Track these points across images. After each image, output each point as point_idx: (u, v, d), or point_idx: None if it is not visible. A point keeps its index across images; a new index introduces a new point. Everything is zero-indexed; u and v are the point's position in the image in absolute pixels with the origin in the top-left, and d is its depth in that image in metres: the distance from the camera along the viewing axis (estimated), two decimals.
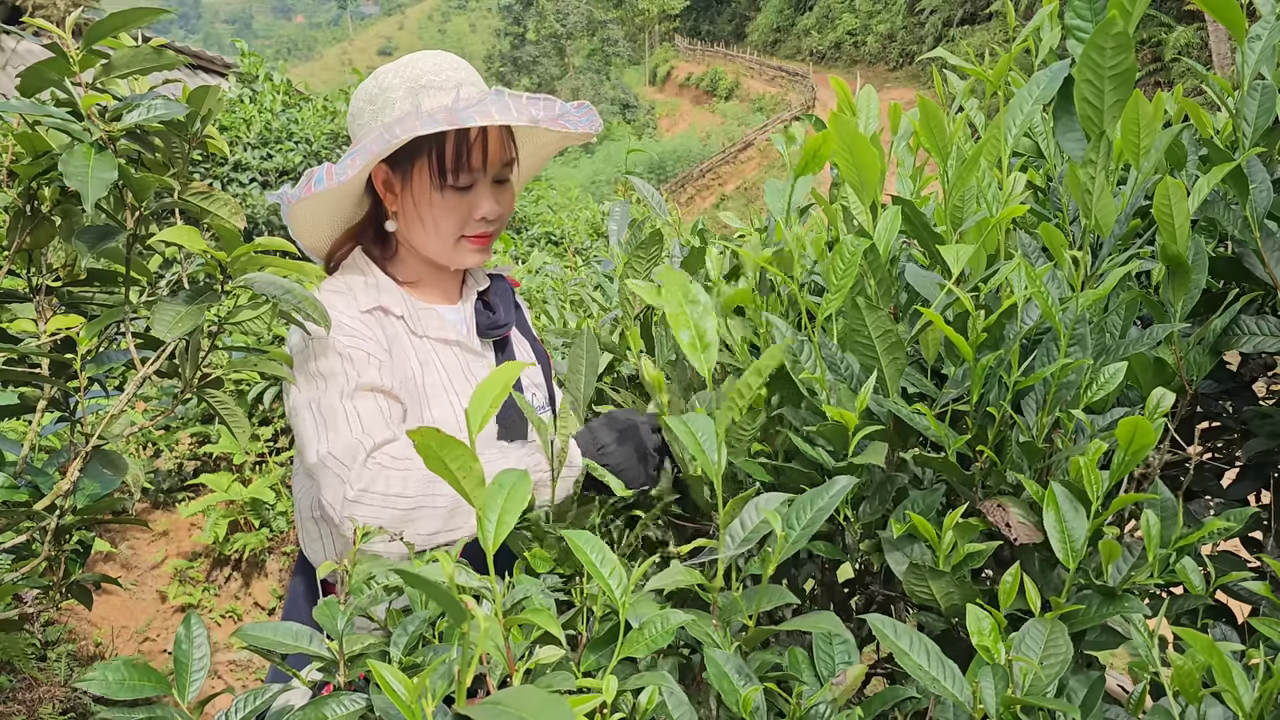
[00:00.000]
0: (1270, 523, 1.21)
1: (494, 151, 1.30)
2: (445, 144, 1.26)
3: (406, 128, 1.18)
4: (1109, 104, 0.95)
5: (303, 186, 1.25)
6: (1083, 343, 1.01)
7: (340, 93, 7.77)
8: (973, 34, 30.45)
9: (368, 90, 1.31)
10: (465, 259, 1.34)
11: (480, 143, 1.27)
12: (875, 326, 1.03)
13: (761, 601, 0.87)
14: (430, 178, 1.27)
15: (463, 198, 1.29)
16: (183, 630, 0.81)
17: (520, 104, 1.23)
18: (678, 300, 0.86)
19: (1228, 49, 16.00)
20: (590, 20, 49.90)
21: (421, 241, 1.33)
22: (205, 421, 4.28)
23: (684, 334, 0.85)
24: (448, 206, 1.29)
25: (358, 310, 1.27)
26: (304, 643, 0.79)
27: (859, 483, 1.05)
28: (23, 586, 1.22)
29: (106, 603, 3.69)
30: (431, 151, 1.26)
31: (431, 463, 0.61)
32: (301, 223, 1.34)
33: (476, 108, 1.19)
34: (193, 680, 0.78)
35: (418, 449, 0.60)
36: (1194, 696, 0.79)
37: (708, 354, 0.85)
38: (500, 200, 1.33)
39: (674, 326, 0.86)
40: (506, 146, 1.32)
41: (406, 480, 1.10)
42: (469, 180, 1.29)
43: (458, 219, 1.30)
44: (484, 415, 0.62)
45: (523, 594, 0.81)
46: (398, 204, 1.33)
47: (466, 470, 0.61)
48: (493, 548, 0.64)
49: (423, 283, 1.40)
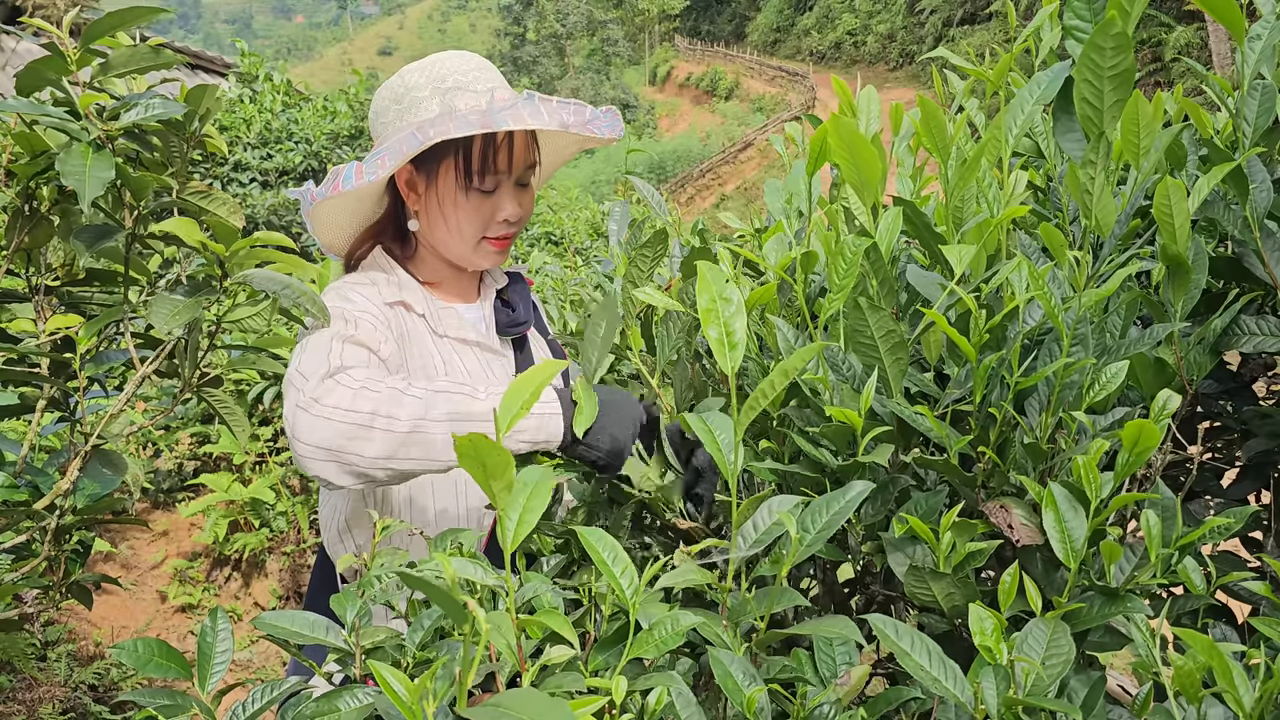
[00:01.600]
0: (1270, 523, 1.21)
1: (519, 154, 1.30)
2: (473, 146, 1.26)
3: (440, 129, 1.17)
4: (1109, 104, 0.95)
5: (329, 184, 1.25)
6: (1084, 343, 1.01)
7: (340, 93, 7.76)
8: (973, 34, 30.46)
9: (393, 89, 1.31)
10: (484, 260, 1.35)
11: (507, 146, 1.28)
12: (878, 327, 1.03)
13: (773, 603, 0.87)
14: (456, 179, 1.28)
15: (486, 200, 1.30)
16: (209, 623, 0.83)
17: (551, 108, 1.23)
18: (711, 296, 0.86)
19: (1228, 49, 16.01)
20: (590, 20, 49.92)
21: (443, 242, 1.33)
22: (205, 421, 4.27)
23: (713, 331, 0.85)
24: (472, 208, 1.29)
25: (381, 301, 1.27)
26: (320, 633, 0.79)
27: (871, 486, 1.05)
28: (23, 586, 1.22)
29: (106, 603, 3.69)
30: (459, 153, 1.26)
31: (467, 463, 0.60)
32: (323, 221, 1.34)
33: (509, 110, 1.20)
34: (214, 671, 0.80)
35: (456, 448, 0.59)
36: (1194, 697, 0.79)
37: (734, 353, 0.85)
38: (522, 203, 1.33)
39: (704, 323, 0.85)
40: (530, 150, 1.33)
41: (358, 397, 1.04)
42: (494, 183, 1.29)
43: (481, 220, 1.31)
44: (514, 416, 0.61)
45: (533, 592, 0.81)
46: (420, 204, 1.33)
47: (499, 474, 0.60)
48: (511, 547, 0.64)
49: (443, 283, 1.40)
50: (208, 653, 0.80)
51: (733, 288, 0.87)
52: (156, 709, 0.74)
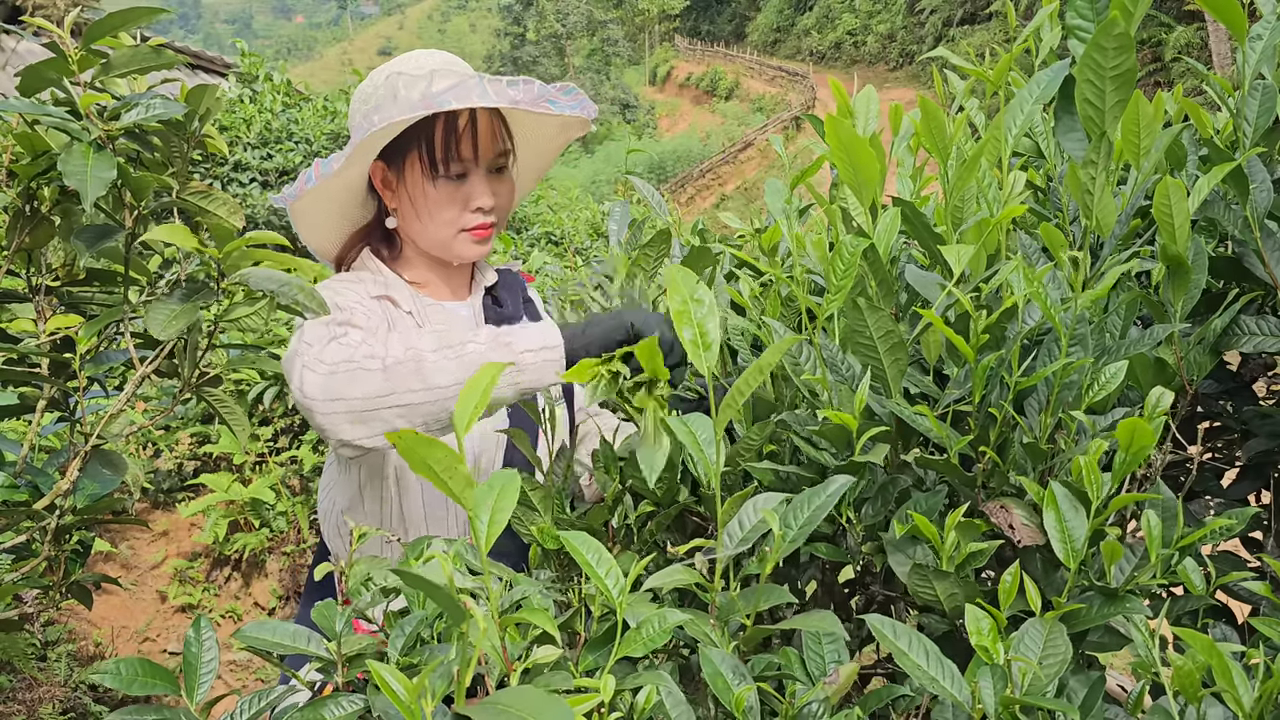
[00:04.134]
0: (1270, 523, 1.21)
1: (485, 141, 1.30)
2: (434, 135, 1.27)
3: (384, 115, 1.19)
4: (1110, 104, 0.95)
5: (297, 186, 1.27)
6: (1083, 343, 1.01)
7: (340, 93, 7.77)
8: (973, 34, 30.44)
9: (362, 91, 1.35)
10: (465, 251, 1.35)
11: (469, 132, 1.28)
12: (877, 327, 1.03)
13: (759, 601, 0.87)
14: (422, 169, 1.29)
15: (457, 188, 1.30)
16: (192, 633, 0.82)
17: (499, 87, 1.23)
18: (682, 297, 0.86)
19: (1228, 49, 16.00)
20: (590, 20, 49.89)
21: (420, 235, 1.34)
22: (205, 421, 4.27)
23: (686, 332, 0.85)
24: (442, 197, 1.30)
25: (367, 295, 1.30)
26: (302, 643, 0.79)
27: (862, 484, 1.05)
28: (23, 586, 1.22)
29: (106, 603, 3.69)
30: (421, 144, 1.27)
31: (415, 465, 0.60)
32: (304, 223, 1.35)
33: (452, 91, 1.20)
34: (201, 682, 0.79)
35: (399, 450, 0.59)
36: (1194, 696, 0.79)
37: (709, 354, 0.85)
38: (497, 191, 1.33)
39: (678, 324, 0.85)
40: (499, 136, 1.33)
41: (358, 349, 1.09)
42: (460, 169, 1.30)
43: (453, 209, 1.31)
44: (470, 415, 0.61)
45: (521, 594, 0.81)
46: (395, 200, 1.34)
47: (451, 472, 0.61)
48: (485, 547, 0.64)
49: (430, 283, 1.41)
50: (194, 663, 0.80)
51: (704, 289, 0.86)
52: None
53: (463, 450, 0.61)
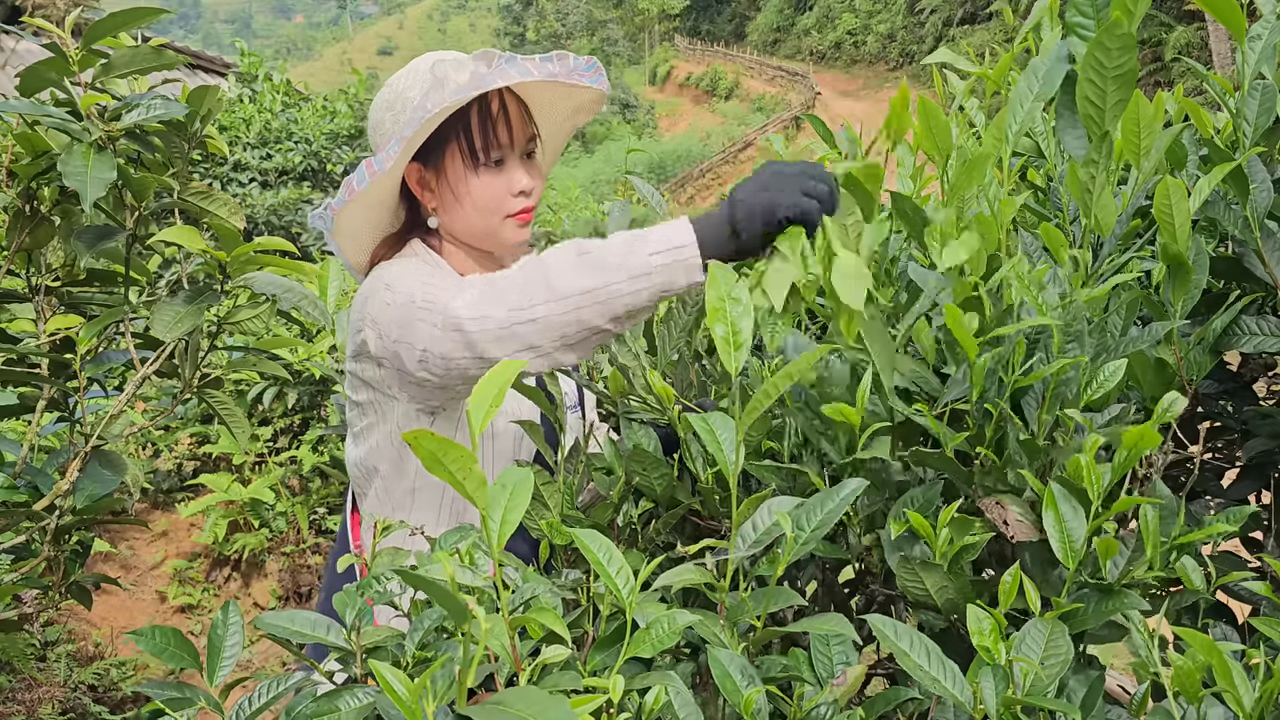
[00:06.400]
0: (1270, 523, 1.21)
1: (516, 125, 1.32)
2: (471, 124, 1.28)
3: (435, 101, 1.20)
4: (1111, 104, 0.95)
5: (345, 191, 1.26)
6: (1080, 340, 1.01)
7: (340, 93, 7.76)
8: (973, 34, 30.45)
9: (385, 99, 1.34)
10: (513, 235, 1.36)
11: (503, 118, 1.30)
12: (875, 328, 1.03)
13: (770, 603, 0.87)
14: (464, 160, 1.30)
15: (498, 175, 1.32)
16: (220, 616, 0.83)
17: (536, 64, 1.26)
18: (719, 294, 0.86)
19: (1228, 49, 16.00)
20: (590, 20, 49.90)
21: (466, 228, 1.35)
22: (205, 422, 4.27)
23: (720, 328, 0.85)
24: (485, 185, 1.31)
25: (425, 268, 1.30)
26: (321, 632, 0.79)
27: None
28: (23, 586, 1.22)
29: (106, 603, 3.69)
30: (459, 135, 1.29)
31: (431, 465, 0.60)
32: (346, 234, 1.33)
33: (496, 72, 1.23)
34: (223, 665, 0.80)
35: (414, 449, 0.59)
36: (1194, 696, 0.79)
37: (739, 353, 0.85)
38: (531, 173, 1.36)
39: (710, 320, 0.85)
40: (526, 122, 1.35)
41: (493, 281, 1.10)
42: (499, 155, 1.31)
43: (497, 195, 1.32)
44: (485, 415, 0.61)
45: (530, 592, 0.81)
46: (436, 199, 1.35)
47: (466, 471, 0.61)
48: (498, 546, 0.64)
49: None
50: (218, 645, 0.81)
51: (741, 288, 0.86)
52: (164, 701, 0.74)
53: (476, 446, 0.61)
